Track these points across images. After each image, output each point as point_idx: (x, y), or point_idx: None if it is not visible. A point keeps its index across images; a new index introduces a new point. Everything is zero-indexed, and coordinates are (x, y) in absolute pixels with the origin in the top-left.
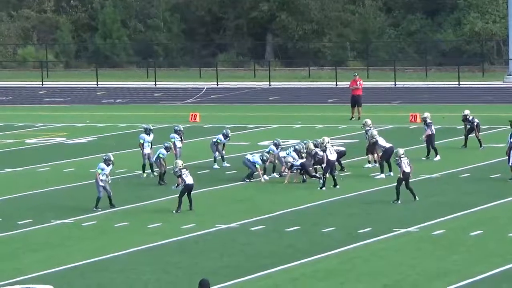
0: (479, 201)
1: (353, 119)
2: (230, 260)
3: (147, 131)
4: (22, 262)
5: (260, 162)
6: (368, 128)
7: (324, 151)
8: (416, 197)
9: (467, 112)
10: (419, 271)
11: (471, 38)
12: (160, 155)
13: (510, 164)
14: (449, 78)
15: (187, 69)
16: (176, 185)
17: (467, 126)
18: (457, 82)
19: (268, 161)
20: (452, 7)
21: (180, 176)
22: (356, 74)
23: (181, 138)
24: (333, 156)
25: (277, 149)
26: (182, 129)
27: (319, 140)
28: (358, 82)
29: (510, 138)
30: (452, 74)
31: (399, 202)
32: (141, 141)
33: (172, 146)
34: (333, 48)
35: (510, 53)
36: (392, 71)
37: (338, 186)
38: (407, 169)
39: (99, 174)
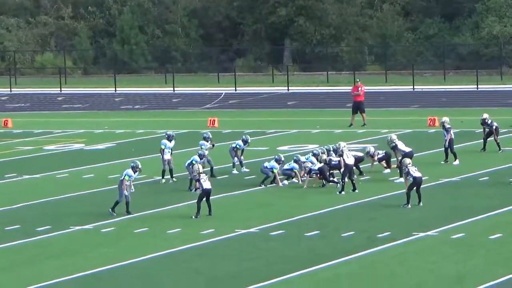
0: (499, 204)
1: (351, 126)
2: (250, 265)
3: (170, 138)
4: (41, 268)
5: (277, 166)
6: (394, 144)
7: (341, 155)
8: (421, 202)
9: (486, 115)
10: (439, 275)
11: (489, 42)
12: (194, 162)
13: None
14: (467, 82)
15: (205, 75)
16: (194, 189)
17: (486, 129)
18: (476, 86)
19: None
20: (470, 11)
21: (198, 180)
22: (358, 80)
23: (213, 145)
24: (350, 160)
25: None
26: (210, 136)
27: (333, 146)
28: (359, 88)
29: None
30: (470, 77)
31: (409, 206)
32: (162, 146)
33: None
34: (351, 53)
35: None
36: (410, 75)
37: (357, 191)
38: (417, 173)
39: (126, 181)
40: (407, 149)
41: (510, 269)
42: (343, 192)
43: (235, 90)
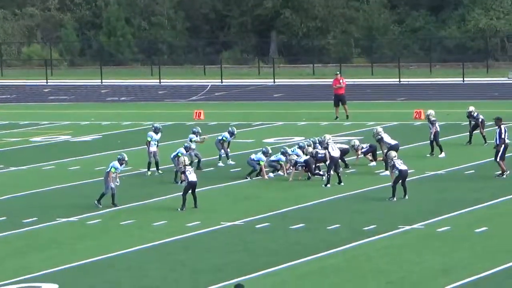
0: (484, 197)
1: (337, 118)
2: (235, 257)
3: (156, 130)
4: (27, 260)
5: (264, 158)
6: (379, 136)
7: (327, 148)
8: (407, 195)
9: (471, 108)
10: (424, 268)
11: (476, 35)
12: (179, 154)
13: (497, 160)
14: (453, 75)
15: (192, 67)
16: (180, 181)
17: (472, 122)
18: (462, 79)
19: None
20: (456, 4)
21: (184, 172)
22: (338, 72)
23: (202, 139)
24: (335, 153)
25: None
26: (200, 130)
27: (319, 138)
28: (341, 81)
29: (500, 136)
30: (457, 70)
31: (395, 199)
32: (149, 138)
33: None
34: (337, 45)
35: None
36: (396, 67)
37: (342, 183)
38: (403, 166)
39: (112, 173)
40: (393, 142)
41: (495, 262)
42: (328, 185)
43: (221, 82)
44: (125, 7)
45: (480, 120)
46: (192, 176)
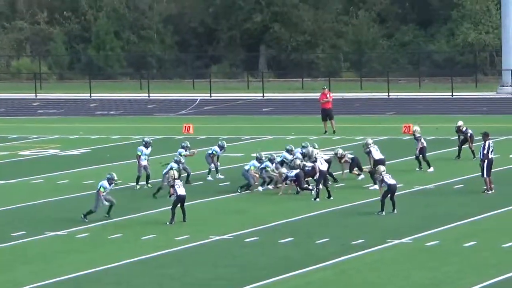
0: (473, 212)
1: (326, 132)
2: (224, 271)
3: (147, 144)
4: (15, 274)
5: (257, 164)
6: (368, 150)
7: (315, 161)
8: (396, 210)
9: (460, 123)
10: (413, 282)
11: (464, 49)
12: (171, 168)
13: (484, 176)
14: (442, 89)
15: (181, 81)
16: (169, 195)
17: (461, 137)
18: (451, 93)
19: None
20: (445, 18)
21: (173, 186)
22: (325, 87)
23: (192, 153)
24: (324, 166)
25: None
26: (189, 145)
27: (305, 150)
28: (328, 95)
29: (483, 151)
30: (446, 85)
31: (384, 213)
32: (139, 153)
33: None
34: (326, 59)
35: (503, 63)
36: (385, 82)
37: (332, 198)
38: (391, 181)
39: (102, 193)
40: (380, 156)
41: (484, 277)
42: (318, 199)
43: (210, 96)
44: (114, 21)
45: (469, 134)
46: (181, 190)
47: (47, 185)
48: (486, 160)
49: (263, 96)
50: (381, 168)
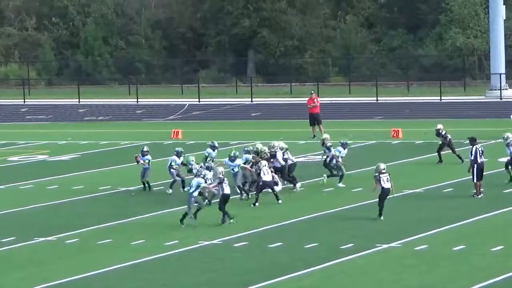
0: (462, 216)
1: (315, 137)
2: (213, 276)
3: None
4: (4, 279)
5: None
6: (329, 144)
7: (259, 173)
8: (382, 216)
9: (440, 126)
10: (402, 286)
11: (453, 53)
12: (172, 163)
13: (474, 181)
14: (431, 93)
15: (169, 86)
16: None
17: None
18: (439, 97)
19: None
20: (433, 23)
21: (221, 183)
22: (313, 92)
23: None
24: (267, 177)
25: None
26: (182, 150)
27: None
28: (315, 100)
29: (471, 156)
30: (434, 89)
31: (382, 218)
32: (173, 163)
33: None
34: (314, 64)
35: (491, 67)
36: (374, 86)
37: (280, 201)
38: (386, 184)
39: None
40: (283, 162)
41: (473, 281)
42: (257, 204)
43: (199, 101)
44: (103, 27)
45: (447, 139)
46: (227, 189)
47: (36, 191)
48: (475, 165)
49: (251, 101)
50: (381, 166)
